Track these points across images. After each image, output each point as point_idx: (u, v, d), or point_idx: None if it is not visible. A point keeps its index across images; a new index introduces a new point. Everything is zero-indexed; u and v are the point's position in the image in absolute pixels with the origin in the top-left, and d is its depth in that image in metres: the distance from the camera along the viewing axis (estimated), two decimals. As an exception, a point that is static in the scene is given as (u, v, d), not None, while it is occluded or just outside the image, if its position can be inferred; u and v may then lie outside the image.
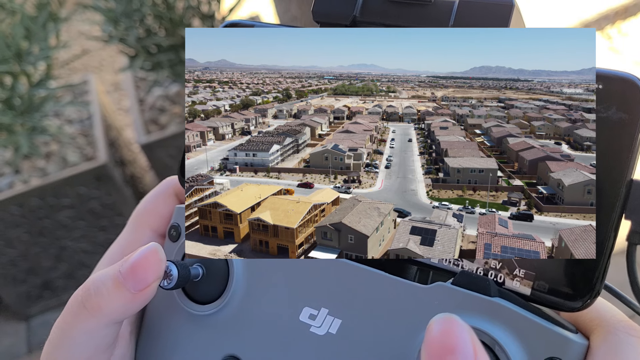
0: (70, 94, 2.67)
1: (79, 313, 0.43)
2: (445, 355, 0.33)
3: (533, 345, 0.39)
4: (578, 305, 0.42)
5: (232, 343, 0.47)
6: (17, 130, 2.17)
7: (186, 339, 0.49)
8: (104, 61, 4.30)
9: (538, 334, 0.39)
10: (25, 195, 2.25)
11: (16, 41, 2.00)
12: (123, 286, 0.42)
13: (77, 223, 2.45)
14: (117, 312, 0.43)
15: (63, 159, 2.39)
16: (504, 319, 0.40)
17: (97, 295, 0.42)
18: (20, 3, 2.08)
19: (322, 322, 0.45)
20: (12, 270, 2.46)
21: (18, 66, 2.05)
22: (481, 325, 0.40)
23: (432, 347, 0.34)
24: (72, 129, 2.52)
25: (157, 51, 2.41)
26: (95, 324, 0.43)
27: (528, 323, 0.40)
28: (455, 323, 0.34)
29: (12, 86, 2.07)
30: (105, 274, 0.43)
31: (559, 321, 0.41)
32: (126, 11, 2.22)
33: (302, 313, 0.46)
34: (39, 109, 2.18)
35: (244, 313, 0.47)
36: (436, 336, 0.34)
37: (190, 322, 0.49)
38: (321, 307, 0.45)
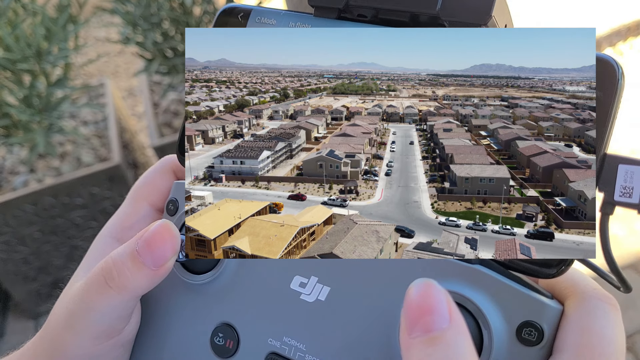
0: (86, 96, 2.74)
1: (103, 290, 0.45)
2: (422, 316, 0.34)
3: (511, 310, 0.41)
4: (553, 272, 0.43)
5: (226, 311, 0.50)
6: (34, 128, 2.23)
7: (183, 307, 0.52)
8: (119, 67, 4.37)
9: (515, 299, 0.41)
10: (39, 193, 2.29)
11: (37, 41, 2.06)
12: (143, 265, 0.45)
13: (89, 223, 2.49)
14: (141, 288, 0.46)
15: (77, 159, 2.44)
16: (484, 284, 0.42)
17: (120, 276, 0.45)
18: (42, 4, 2.16)
19: (311, 290, 0.47)
20: (24, 268, 2.49)
21: (37, 65, 2.10)
22: (462, 290, 0.42)
23: (410, 309, 0.35)
24: (87, 130, 2.57)
25: (173, 55, 2.48)
26: (120, 300, 0.46)
27: (506, 289, 0.42)
28: (432, 287, 0.35)
29: (31, 85, 2.13)
30: (123, 253, 0.46)
31: (535, 287, 0.43)
32: (144, 15, 2.29)
33: (292, 281, 0.48)
34: (56, 109, 2.24)
35: (237, 282, 0.50)
36: (414, 299, 0.35)
37: (186, 291, 0.51)
38: (311, 276, 0.47)
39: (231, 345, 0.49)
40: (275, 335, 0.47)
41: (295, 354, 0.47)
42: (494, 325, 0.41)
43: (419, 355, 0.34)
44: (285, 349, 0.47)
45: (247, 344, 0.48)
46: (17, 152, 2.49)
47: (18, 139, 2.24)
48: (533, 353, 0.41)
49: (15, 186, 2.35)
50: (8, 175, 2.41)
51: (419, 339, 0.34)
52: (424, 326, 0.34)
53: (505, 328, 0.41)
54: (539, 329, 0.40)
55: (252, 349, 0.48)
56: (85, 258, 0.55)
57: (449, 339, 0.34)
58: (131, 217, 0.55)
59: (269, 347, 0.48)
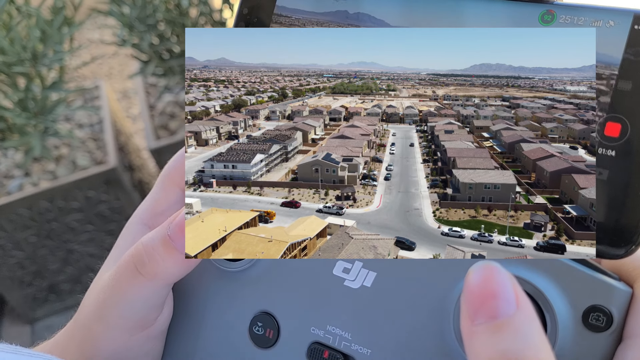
0: (82, 99, 2.74)
1: (134, 278, 0.43)
2: (486, 300, 0.32)
3: (576, 294, 0.39)
4: (621, 253, 0.40)
5: (265, 299, 0.47)
6: (29, 131, 2.23)
7: (218, 296, 0.50)
8: (113, 69, 4.39)
9: (580, 282, 0.39)
10: (35, 197, 2.28)
11: (32, 43, 2.06)
12: (175, 250, 0.43)
13: (85, 226, 2.48)
14: (174, 275, 0.44)
15: (73, 162, 2.43)
16: (546, 267, 0.40)
17: (151, 261, 0.43)
18: (37, 6, 2.15)
19: (356, 276, 0.45)
20: (19, 272, 2.48)
21: (33, 68, 2.11)
22: (523, 273, 0.40)
23: (472, 294, 0.33)
24: (83, 133, 2.56)
25: (169, 57, 2.46)
26: (152, 287, 0.44)
27: (570, 271, 0.39)
28: (496, 269, 0.33)
29: (26, 88, 2.13)
30: (155, 238, 0.44)
31: (601, 269, 0.40)
32: (140, 16, 2.28)
33: (335, 267, 0.45)
34: (52, 111, 2.23)
35: (276, 269, 0.47)
36: (477, 283, 0.33)
37: (222, 279, 0.49)
38: (355, 261, 0.45)
39: (271, 334, 0.47)
40: (318, 324, 0.45)
41: (341, 343, 0.44)
42: (559, 310, 0.39)
43: (485, 344, 0.31)
44: (329, 338, 0.45)
45: (288, 333, 0.47)
46: (12, 155, 2.49)
47: (13, 142, 2.24)
48: (602, 339, 0.38)
49: (10, 190, 2.35)
50: (3, 179, 2.41)
51: (484, 326, 0.32)
52: (489, 312, 0.32)
53: (570, 313, 0.39)
54: (608, 313, 0.38)
55: (293, 338, 0.46)
56: (115, 247, 0.52)
57: (517, 325, 0.31)
58: (162, 202, 0.53)
59: (312, 336, 0.46)
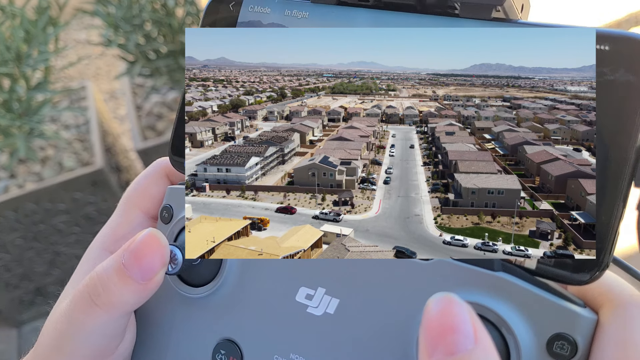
0: (68, 100, 2.73)
1: (89, 309, 0.43)
2: (444, 335, 0.32)
3: (540, 321, 0.38)
4: (586, 278, 0.39)
5: (228, 326, 0.47)
6: (14, 133, 2.24)
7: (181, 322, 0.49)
8: (99, 70, 4.36)
9: (545, 309, 0.38)
10: (21, 199, 2.29)
11: (16, 44, 2.06)
12: (130, 279, 0.42)
13: (72, 228, 2.49)
14: (130, 304, 0.43)
15: (59, 163, 2.43)
16: (509, 294, 0.39)
17: (106, 291, 0.42)
18: (21, 7, 2.15)
19: (319, 302, 0.44)
20: (6, 275, 2.50)
21: (17, 69, 2.11)
22: (485, 301, 0.39)
23: (430, 328, 0.33)
24: (69, 134, 2.56)
25: (155, 57, 2.48)
26: (109, 318, 0.43)
27: (534, 298, 0.38)
28: (454, 302, 0.33)
29: (11, 89, 2.13)
30: (108, 267, 0.43)
31: (566, 295, 0.39)
32: (126, 17, 2.28)
33: (298, 293, 0.45)
34: (37, 113, 2.24)
35: (238, 295, 0.47)
36: (434, 316, 0.33)
37: (184, 306, 0.49)
38: (318, 287, 0.44)
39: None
40: (282, 352, 0.45)
41: None
42: (522, 339, 0.38)
43: None
44: None
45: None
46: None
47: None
48: None
49: (-5, 192, 2.37)
50: (-12, 181, 2.44)
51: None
52: (447, 347, 0.32)
53: (534, 342, 0.38)
54: (572, 342, 0.37)
55: None
56: (76, 272, 0.51)
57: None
58: (123, 226, 0.52)
59: None
